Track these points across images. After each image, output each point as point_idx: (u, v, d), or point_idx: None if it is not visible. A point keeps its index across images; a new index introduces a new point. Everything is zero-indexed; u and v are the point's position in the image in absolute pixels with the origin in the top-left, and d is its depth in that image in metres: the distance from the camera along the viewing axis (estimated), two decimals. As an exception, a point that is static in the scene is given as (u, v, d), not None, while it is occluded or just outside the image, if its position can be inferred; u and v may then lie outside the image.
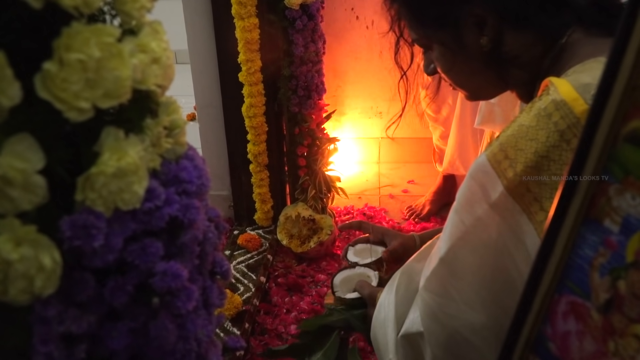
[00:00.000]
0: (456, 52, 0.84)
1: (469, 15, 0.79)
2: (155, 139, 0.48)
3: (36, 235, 0.39)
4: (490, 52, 0.80)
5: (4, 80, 0.35)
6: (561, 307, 0.44)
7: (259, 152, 1.92)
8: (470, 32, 0.81)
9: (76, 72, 0.38)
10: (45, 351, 0.41)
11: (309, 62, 1.84)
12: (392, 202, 2.43)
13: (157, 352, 0.49)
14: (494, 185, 0.69)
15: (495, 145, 0.70)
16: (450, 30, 0.82)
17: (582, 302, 0.42)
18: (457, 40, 0.82)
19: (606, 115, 0.38)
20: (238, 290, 1.71)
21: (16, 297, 0.40)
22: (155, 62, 0.46)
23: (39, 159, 0.39)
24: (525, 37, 0.78)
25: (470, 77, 0.88)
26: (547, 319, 0.45)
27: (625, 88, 0.37)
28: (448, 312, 0.76)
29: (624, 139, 0.38)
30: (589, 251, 0.41)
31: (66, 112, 0.39)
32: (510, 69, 0.82)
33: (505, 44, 0.79)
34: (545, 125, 0.65)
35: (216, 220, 0.59)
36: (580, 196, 0.41)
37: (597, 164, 0.39)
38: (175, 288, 0.46)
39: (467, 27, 0.80)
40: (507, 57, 0.80)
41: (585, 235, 0.41)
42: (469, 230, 0.72)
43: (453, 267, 0.75)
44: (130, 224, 0.45)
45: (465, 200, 0.73)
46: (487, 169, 0.70)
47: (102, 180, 0.41)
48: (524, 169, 0.66)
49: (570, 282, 0.43)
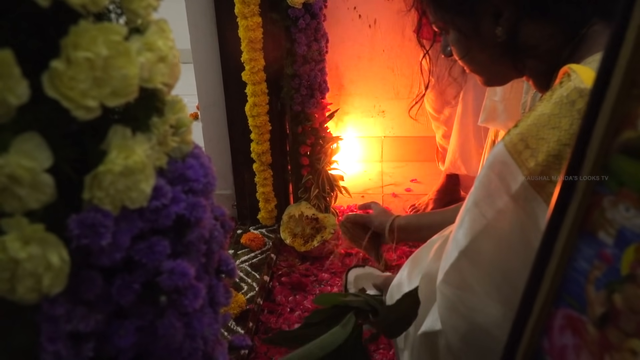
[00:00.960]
0: (471, 39, 0.85)
1: (486, 5, 0.80)
2: (161, 137, 0.48)
3: (44, 233, 0.39)
4: (506, 43, 0.81)
5: (11, 79, 0.35)
6: (558, 320, 0.43)
7: (263, 151, 1.92)
8: (487, 21, 0.81)
9: (84, 71, 0.38)
10: (52, 350, 0.42)
11: (311, 61, 1.84)
12: (396, 200, 2.43)
13: (164, 350, 0.49)
14: (514, 176, 0.68)
15: (514, 135, 0.69)
16: (467, 17, 0.83)
17: (579, 315, 0.41)
18: (473, 28, 0.83)
19: (599, 124, 0.37)
20: (242, 290, 1.71)
21: (24, 296, 0.40)
22: (162, 61, 0.46)
23: (46, 157, 0.39)
24: (544, 28, 0.78)
25: (484, 64, 0.89)
26: (545, 333, 0.45)
27: (617, 98, 0.36)
28: (469, 305, 0.75)
29: (618, 149, 0.37)
30: (585, 264, 0.40)
31: (74, 111, 0.39)
32: (526, 58, 0.82)
33: (522, 35, 0.79)
34: (569, 112, 0.64)
35: (222, 219, 0.59)
36: (574, 207, 0.40)
37: (591, 174, 0.39)
38: (182, 286, 0.46)
39: (484, 16, 0.81)
40: (523, 47, 0.80)
41: (580, 247, 0.41)
42: (490, 223, 0.71)
43: (474, 260, 0.74)
44: (137, 222, 0.45)
45: (485, 192, 0.72)
46: (507, 159, 0.69)
47: (109, 179, 0.41)
48: (546, 157, 0.64)
49: (567, 295, 0.42)
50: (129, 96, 0.42)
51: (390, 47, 2.47)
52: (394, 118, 2.66)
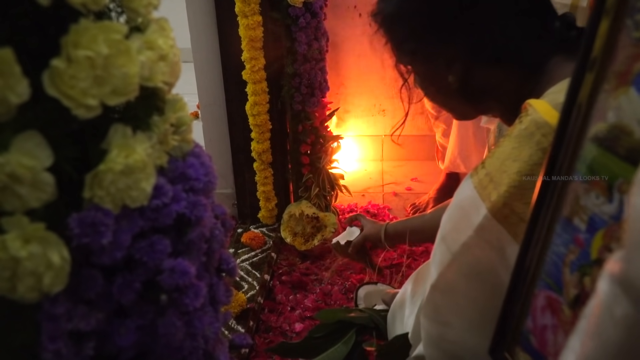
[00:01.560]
0: (430, 82, 0.90)
1: (439, 54, 0.84)
2: (162, 136, 0.48)
3: (45, 232, 0.39)
4: (461, 88, 0.85)
5: (12, 77, 0.35)
6: (540, 301, 0.46)
7: (263, 150, 1.92)
8: (440, 69, 0.85)
9: (84, 69, 0.38)
10: (53, 348, 0.42)
11: (312, 59, 1.83)
12: (396, 199, 2.43)
13: (165, 349, 0.49)
14: (478, 210, 0.70)
15: (481, 172, 0.72)
16: (423, 64, 0.89)
17: (557, 297, 0.44)
18: (429, 74, 0.89)
19: (573, 117, 0.40)
20: (242, 289, 1.71)
21: (25, 295, 0.40)
22: (162, 59, 0.46)
23: (47, 156, 0.39)
24: (497, 73, 0.82)
25: (442, 102, 0.94)
26: (529, 313, 0.47)
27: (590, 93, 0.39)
28: (447, 338, 0.77)
29: (590, 139, 0.39)
30: (562, 248, 0.43)
31: (74, 109, 0.39)
32: (484, 100, 0.86)
33: (476, 81, 0.83)
34: (527, 144, 0.66)
35: (222, 218, 0.59)
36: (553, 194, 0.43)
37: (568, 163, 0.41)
38: (183, 285, 0.46)
39: (437, 63, 0.85)
40: (478, 92, 0.84)
41: (559, 232, 0.43)
42: (456, 257, 0.73)
43: (446, 293, 0.76)
44: (138, 221, 0.45)
45: (450, 227, 0.75)
46: (473, 194, 0.71)
47: (110, 178, 0.41)
48: (507, 189, 0.66)
49: (547, 277, 0.44)
50: (129, 95, 0.42)
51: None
52: (395, 117, 2.65)
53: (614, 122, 0.37)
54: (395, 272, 1.87)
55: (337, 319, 1.00)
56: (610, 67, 0.38)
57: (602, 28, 0.37)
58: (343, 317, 1.00)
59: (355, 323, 1.00)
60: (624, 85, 0.36)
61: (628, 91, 0.36)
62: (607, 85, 0.38)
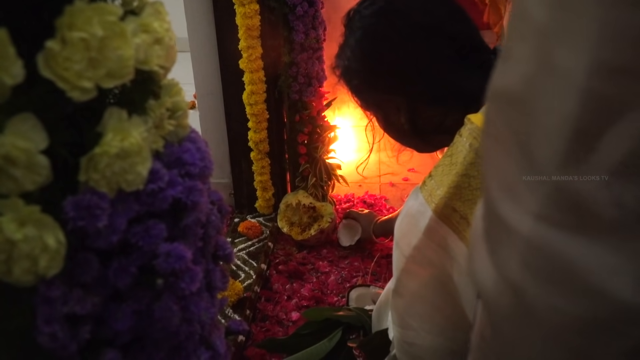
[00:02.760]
0: (387, 125, 1.03)
1: (388, 101, 0.97)
2: (158, 120, 0.48)
3: (40, 215, 0.39)
4: (411, 129, 0.96)
5: (6, 59, 0.35)
6: None
7: (260, 140, 1.92)
8: (392, 113, 0.98)
9: (79, 51, 0.38)
10: (49, 332, 0.42)
11: (309, 49, 1.83)
12: (393, 190, 2.43)
13: (161, 333, 0.49)
14: (424, 213, 0.76)
15: (429, 182, 0.79)
16: (377, 110, 1.03)
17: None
18: (385, 117, 1.01)
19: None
20: (239, 277, 1.72)
21: (20, 278, 0.40)
22: (158, 43, 0.46)
23: (42, 138, 0.39)
24: (442, 109, 0.92)
25: (404, 142, 1.06)
26: None
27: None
28: (409, 340, 0.83)
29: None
30: None
31: (69, 92, 0.39)
32: (434, 136, 0.97)
33: (422, 119, 0.95)
34: (462, 148, 0.73)
35: (219, 204, 0.59)
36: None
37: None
38: (179, 269, 0.46)
39: (389, 109, 0.98)
40: (427, 129, 0.95)
41: None
42: (409, 260, 0.79)
43: (404, 298, 0.82)
44: (133, 205, 0.45)
45: (401, 233, 0.81)
46: (421, 201, 0.78)
47: (105, 161, 0.41)
48: (447, 189, 0.72)
49: None
50: (124, 77, 0.42)
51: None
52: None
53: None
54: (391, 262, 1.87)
55: (324, 318, 1.02)
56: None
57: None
58: (330, 316, 1.02)
59: (342, 322, 1.02)
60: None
61: None
62: None
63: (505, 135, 0.30)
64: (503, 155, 0.30)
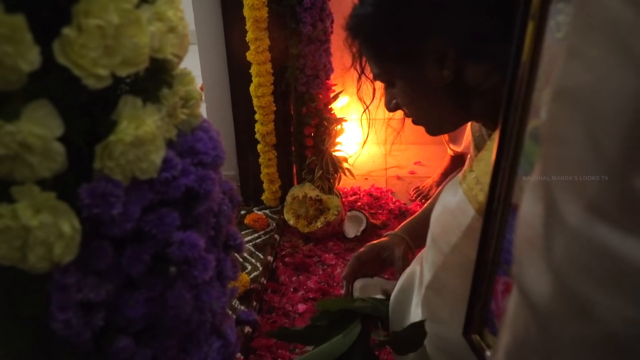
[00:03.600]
0: (418, 86, 0.85)
1: (429, 50, 0.79)
2: (171, 109, 0.47)
3: (55, 202, 0.39)
4: (452, 85, 0.81)
5: (23, 45, 0.35)
6: (500, 286, 0.49)
7: (267, 132, 1.92)
8: (432, 66, 0.81)
9: (95, 38, 0.38)
10: (63, 318, 0.42)
11: (316, 41, 1.83)
12: (399, 183, 2.43)
13: (173, 321, 0.49)
14: (465, 211, 0.74)
15: (469, 177, 0.75)
16: (411, 65, 0.83)
17: (512, 282, 0.46)
18: (419, 74, 0.83)
19: (512, 115, 0.43)
20: (246, 269, 1.72)
21: (35, 265, 0.40)
22: (172, 31, 0.46)
23: (57, 125, 0.39)
24: (483, 67, 0.78)
25: (431, 110, 0.89)
26: (492, 297, 0.50)
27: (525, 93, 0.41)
28: (442, 335, 0.81)
29: (528, 136, 0.42)
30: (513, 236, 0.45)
31: (84, 79, 0.39)
32: (471, 99, 0.83)
33: (466, 75, 0.80)
34: None
35: (230, 193, 0.59)
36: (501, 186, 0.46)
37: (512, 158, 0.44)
38: (192, 257, 0.47)
39: (428, 61, 0.81)
40: (467, 88, 0.81)
41: (510, 222, 0.46)
42: (448, 258, 0.77)
43: (439, 293, 0.80)
44: (147, 193, 0.45)
45: (440, 229, 0.79)
46: (461, 198, 0.75)
47: (120, 149, 0.41)
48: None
49: (503, 264, 0.47)
50: (139, 65, 0.42)
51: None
52: (399, 100, 2.64)
53: (545, 119, 0.39)
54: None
55: (339, 308, 1.00)
56: (538, 67, 0.40)
57: (529, 31, 0.40)
58: (345, 307, 1.00)
59: (359, 313, 0.99)
60: (550, 85, 0.38)
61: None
62: (538, 84, 0.40)
63: (573, 135, 0.29)
64: (571, 156, 0.29)
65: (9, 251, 0.39)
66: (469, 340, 0.53)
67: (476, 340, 0.52)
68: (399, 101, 0.90)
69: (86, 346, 0.44)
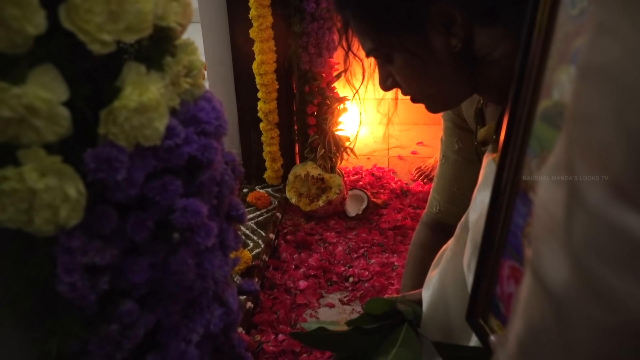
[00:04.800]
0: (421, 59, 0.76)
1: (435, 15, 0.71)
2: (174, 77, 0.48)
3: (61, 165, 0.40)
4: (461, 53, 0.74)
5: (29, 8, 0.35)
6: (505, 270, 0.47)
7: (270, 110, 1.92)
8: (438, 33, 0.73)
9: (99, 4, 0.38)
10: (69, 281, 0.43)
11: (320, 19, 1.82)
12: (401, 163, 2.44)
13: (176, 287, 0.50)
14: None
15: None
16: (414, 34, 0.74)
17: (518, 266, 0.45)
18: (424, 44, 0.75)
19: (522, 95, 0.41)
20: (248, 247, 1.73)
21: (41, 227, 0.41)
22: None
23: (63, 90, 0.39)
24: (494, 32, 0.71)
25: (438, 84, 0.80)
26: (497, 281, 0.49)
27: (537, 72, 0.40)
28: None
29: (539, 116, 0.41)
30: (521, 220, 0.44)
31: (89, 44, 0.39)
32: (482, 68, 0.76)
33: (476, 41, 0.73)
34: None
35: (232, 164, 0.59)
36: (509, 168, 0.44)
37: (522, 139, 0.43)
38: (195, 224, 0.47)
39: (434, 28, 0.73)
40: (477, 55, 0.74)
41: (517, 205, 0.45)
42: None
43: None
44: (151, 160, 0.46)
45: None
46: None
47: (124, 115, 0.42)
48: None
49: (510, 248, 0.46)
50: (143, 32, 0.42)
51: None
52: (402, 80, 2.64)
53: (557, 99, 0.38)
54: (398, 234, 1.88)
55: (384, 311, 0.85)
56: (552, 44, 0.39)
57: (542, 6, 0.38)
58: (390, 308, 0.85)
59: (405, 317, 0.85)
60: (564, 63, 0.37)
61: (569, 69, 0.36)
62: (550, 63, 0.39)
63: (600, 114, 0.27)
64: (597, 136, 0.28)
65: (15, 214, 0.39)
66: (473, 324, 0.52)
67: (480, 325, 0.51)
68: (398, 78, 0.82)
69: (91, 309, 0.45)
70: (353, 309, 1.58)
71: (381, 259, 1.75)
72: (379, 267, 1.71)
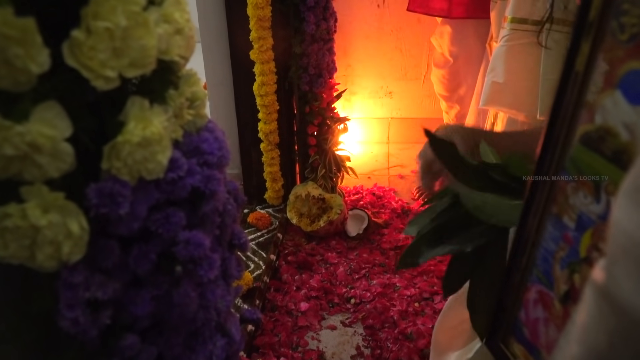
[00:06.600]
0: None
1: None
2: (177, 110, 0.48)
3: (64, 201, 0.40)
4: None
5: (33, 47, 0.36)
6: (532, 295, 0.47)
7: (270, 131, 1.93)
8: None
9: (103, 41, 0.39)
10: (71, 316, 0.42)
11: (320, 40, 1.83)
12: (402, 182, 2.44)
13: (179, 319, 0.50)
14: None
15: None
16: None
17: (548, 292, 0.44)
18: None
19: (560, 118, 0.41)
20: (249, 268, 1.73)
21: (43, 263, 0.40)
22: (179, 33, 0.46)
23: (66, 126, 0.39)
24: None
25: None
26: (521, 306, 0.48)
27: (577, 96, 0.39)
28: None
29: (578, 140, 0.40)
30: (552, 244, 0.44)
31: (93, 80, 0.39)
32: None
33: None
34: None
35: (235, 193, 0.59)
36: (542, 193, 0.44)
37: (557, 162, 0.42)
38: (197, 256, 0.47)
39: None
40: None
41: (549, 229, 0.44)
42: None
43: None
44: (154, 193, 0.46)
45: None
46: None
47: (127, 149, 0.42)
48: None
49: (538, 272, 0.45)
50: (147, 67, 0.42)
51: (398, 27, 2.46)
52: (402, 99, 2.65)
53: (600, 124, 0.38)
54: (399, 254, 1.88)
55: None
56: (597, 68, 0.38)
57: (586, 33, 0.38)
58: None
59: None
60: (609, 88, 0.37)
61: (614, 94, 0.36)
62: (593, 87, 0.39)
63: None
64: None
65: (18, 250, 0.39)
66: (493, 347, 0.52)
67: (501, 349, 0.51)
68: None
69: (93, 343, 0.45)
70: (355, 331, 1.56)
71: (383, 280, 1.74)
72: (381, 288, 1.70)
